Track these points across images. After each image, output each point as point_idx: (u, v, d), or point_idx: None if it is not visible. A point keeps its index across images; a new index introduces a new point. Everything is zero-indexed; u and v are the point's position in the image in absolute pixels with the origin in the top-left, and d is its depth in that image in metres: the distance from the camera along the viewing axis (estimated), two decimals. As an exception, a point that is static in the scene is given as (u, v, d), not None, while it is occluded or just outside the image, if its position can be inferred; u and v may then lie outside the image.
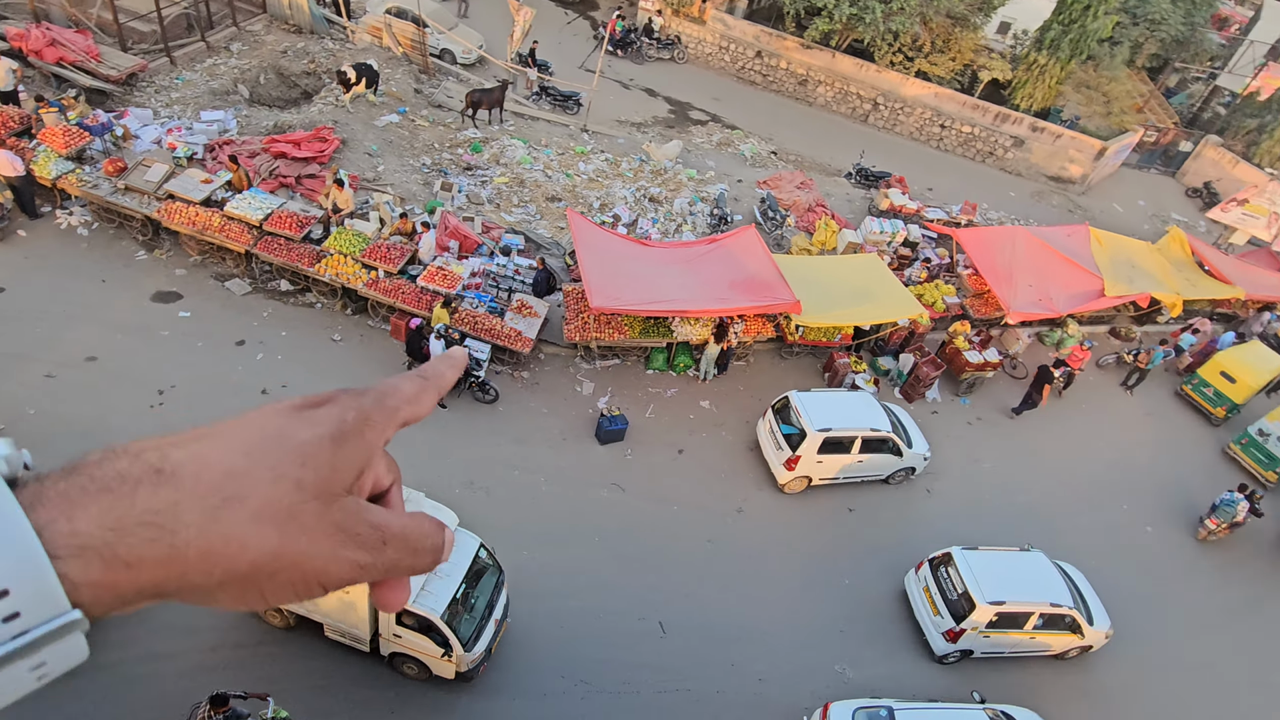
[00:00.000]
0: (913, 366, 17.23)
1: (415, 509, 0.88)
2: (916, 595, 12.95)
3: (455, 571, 9.79)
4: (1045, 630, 12.41)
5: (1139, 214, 27.84)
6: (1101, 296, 19.35)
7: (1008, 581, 12.24)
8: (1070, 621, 12.48)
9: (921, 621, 12.70)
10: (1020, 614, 12.10)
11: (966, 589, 12.03)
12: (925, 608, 12.64)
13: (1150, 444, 18.23)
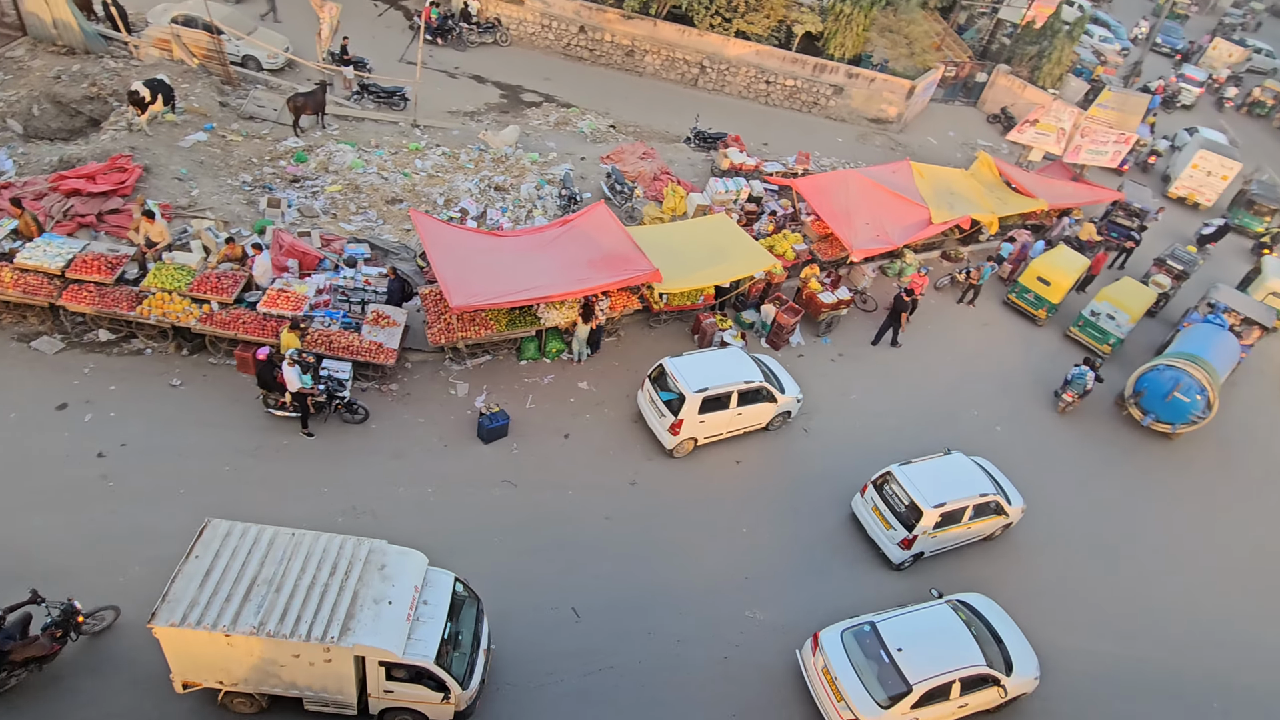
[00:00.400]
0: (774, 316, 17.97)
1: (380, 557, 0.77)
2: (867, 516, 14.13)
3: (438, 613, 9.51)
4: (978, 519, 13.95)
5: (951, 144, 30.18)
6: (930, 225, 20.93)
7: (942, 484, 13.65)
8: (995, 506, 14.11)
9: (876, 538, 13.92)
10: (958, 510, 13.51)
11: (912, 499, 13.31)
12: (878, 524, 13.85)
13: (996, 348, 20.02)
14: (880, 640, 11.14)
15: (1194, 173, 30.00)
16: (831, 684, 10.94)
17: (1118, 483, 17.20)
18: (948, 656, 11.12)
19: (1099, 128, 26.67)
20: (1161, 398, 18.03)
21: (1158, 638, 13.92)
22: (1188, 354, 18.25)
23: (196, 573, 9.00)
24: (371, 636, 8.87)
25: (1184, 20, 52.68)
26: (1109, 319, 20.11)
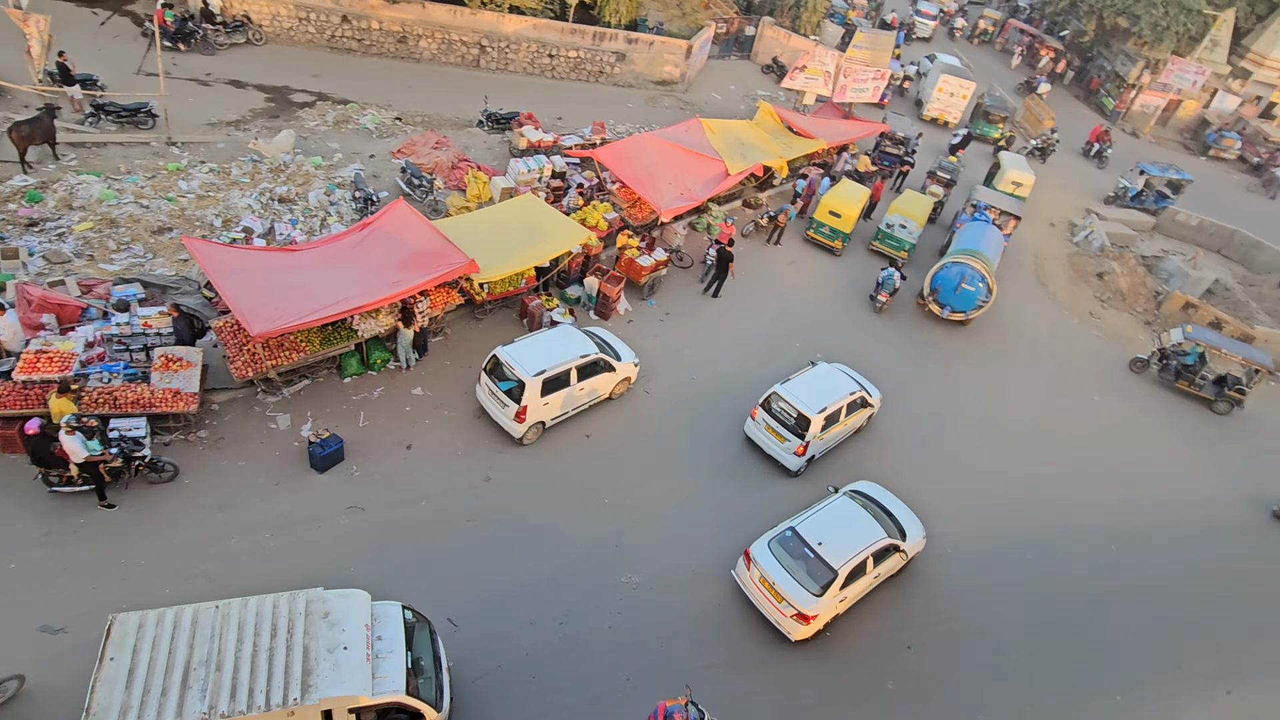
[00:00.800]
0: (598, 287, 18.11)
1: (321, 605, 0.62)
2: (761, 436, 15.49)
3: (395, 645, 9.30)
4: (851, 415, 15.88)
5: (734, 98, 31.63)
6: (728, 176, 21.87)
7: (819, 391, 15.40)
8: (862, 400, 16.13)
9: (774, 452, 15.35)
10: (836, 410, 15.31)
11: (798, 410, 14.90)
12: (773, 440, 15.31)
13: (807, 280, 21.45)
14: (802, 540, 12.47)
15: (940, 95, 33.86)
16: (770, 589, 12.11)
17: (936, 369, 19.77)
18: (858, 538, 12.67)
19: (858, 67, 29.04)
20: (953, 290, 20.74)
21: (981, 505, 15.80)
22: (966, 249, 21.00)
23: (118, 676, 8.09)
24: (336, 687, 8.48)
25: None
26: (902, 228, 22.85)
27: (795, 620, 11.89)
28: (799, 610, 11.79)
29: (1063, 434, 18.57)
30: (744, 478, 15.38)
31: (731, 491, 14.98)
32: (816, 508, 13.25)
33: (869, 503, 13.77)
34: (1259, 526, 17.29)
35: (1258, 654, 14.16)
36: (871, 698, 12.00)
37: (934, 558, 14.48)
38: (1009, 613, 13.90)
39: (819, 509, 13.19)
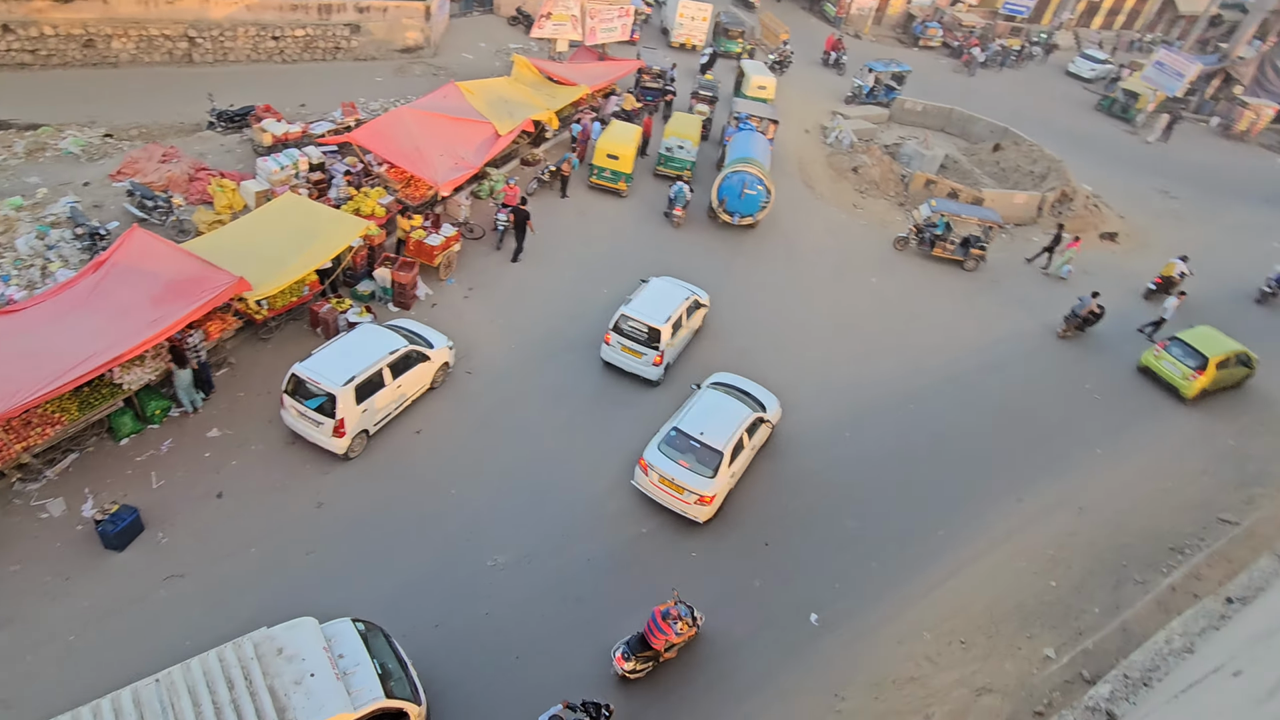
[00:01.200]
0: (390, 277, 17.17)
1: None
2: (618, 357, 16.55)
3: (359, 656, 9.41)
4: (690, 318, 17.44)
5: (486, 56, 30.66)
6: (499, 138, 21.32)
7: (660, 304, 16.72)
8: (696, 304, 17.69)
9: (634, 369, 16.51)
10: (679, 317, 16.62)
11: (648, 324, 16.10)
12: (630, 359, 16.46)
13: (600, 225, 21.63)
14: (686, 435, 13.75)
15: (683, 21, 35.17)
16: (671, 484, 13.35)
17: (739, 272, 21.35)
18: (731, 420, 14.14)
19: (602, 7, 29.11)
20: (738, 197, 22.39)
21: (799, 392, 17.15)
22: (741, 158, 22.65)
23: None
24: (316, 714, 8.45)
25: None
26: (680, 149, 24.17)
27: (699, 504, 13.32)
28: (700, 494, 13.19)
29: (852, 317, 20.48)
30: (609, 405, 16.13)
31: (600, 422, 15.58)
32: (689, 405, 14.58)
33: (730, 389, 15.44)
34: (1031, 353, 20.22)
35: (1038, 463, 16.75)
36: (762, 553, 12.88)
37: (774, 450, 15.60)
38: (843, 484, 15.35)
39: (691, 405, 14.53)
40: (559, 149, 25.12)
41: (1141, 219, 28.98)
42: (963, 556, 14.28)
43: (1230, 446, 18.26)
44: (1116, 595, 13.94)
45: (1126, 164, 33.92)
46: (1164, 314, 21.65)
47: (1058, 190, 27.63)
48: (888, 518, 14.80)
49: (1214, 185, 33.36)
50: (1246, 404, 19.99)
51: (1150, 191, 31.62)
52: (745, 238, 22.89)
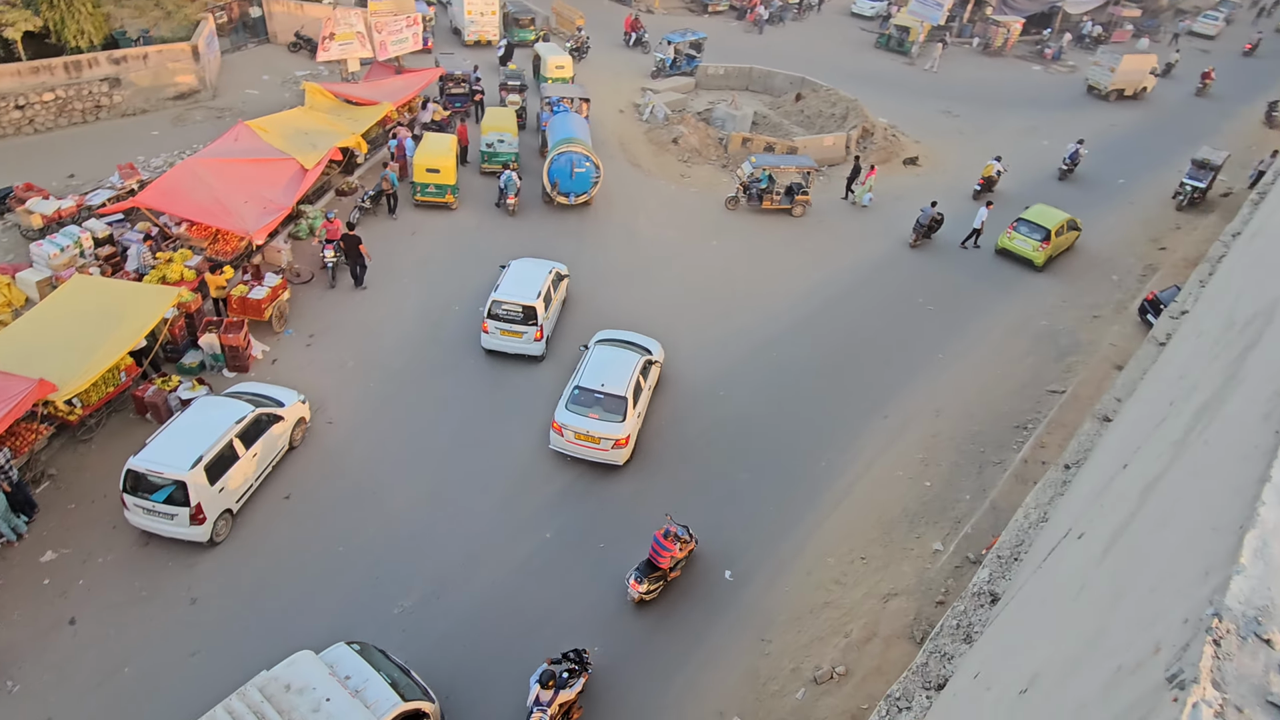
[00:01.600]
0: (219, 343, 15.90)
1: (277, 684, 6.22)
2: (500, 342, 17.07)
3: (365, 673, 9.89)
4: (556, 290, 18.22)
5: (273, 88, 28.76)
6: (306, 172, 20.13)
7: (527, 283, 17.36)
8: (559, 275, 18.63)
9: (518, 349, 17.10)
10: (547, 291, 17.47)
11: (522, 303, 16.82)
12: (512, 340, 17.04)
13: (440, 240, 20.97)
14: (589, 390, 14.75)
15: (473, 18, 34.61)
16: (585, 437, 14.34)
17: (588, 249, 21.68)
18: (625, 368, 15.20)
19: (388, 20, 28.03)
20: (569, 177, 22.72)
21: (672, 359, 17.53)
22: (563, 139, 22.75)
23: None
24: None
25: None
26: (501, 143, 24.22)
27: (616, 448, 14.43)
28: (615, 438, 14.33)
29: (703, 280, 21.12)
30: (496, 405, 16.23)
31: (490, 424, 15.63)
32: (583, 364, 15.48)
33: (616, 342, 16.52)
34: (871, 278, 21.60)
35: (893, 379, 18.04)
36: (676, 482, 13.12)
37: (662, 424, 15.89)
38: (729, 441, 15.90)
39: (585, 363, 15.45)
40: (374, 172, 24.09)
41: (934, 141, 31.63)
42: (847, 480, 15.21)
43: (1044, 326, 20.46)
44: (981, 479, 15.35)
45: (911, 93, 36.83)
46: (977, 223, 23.77)
47: (859, 128, 29.61)
48: (774, 462, 15.49)
49: (986, 99, 36.91)
50: (1050, 286, 22.43)
51: (935, 114, 34.54)
52: (586, 218, 23.10)
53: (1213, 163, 26.93)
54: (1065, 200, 25.73)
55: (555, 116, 25.12)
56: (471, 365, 17.18)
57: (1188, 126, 34.80)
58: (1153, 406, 3.28)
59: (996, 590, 3.44)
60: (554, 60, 30.14)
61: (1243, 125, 36.19)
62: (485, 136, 24.31)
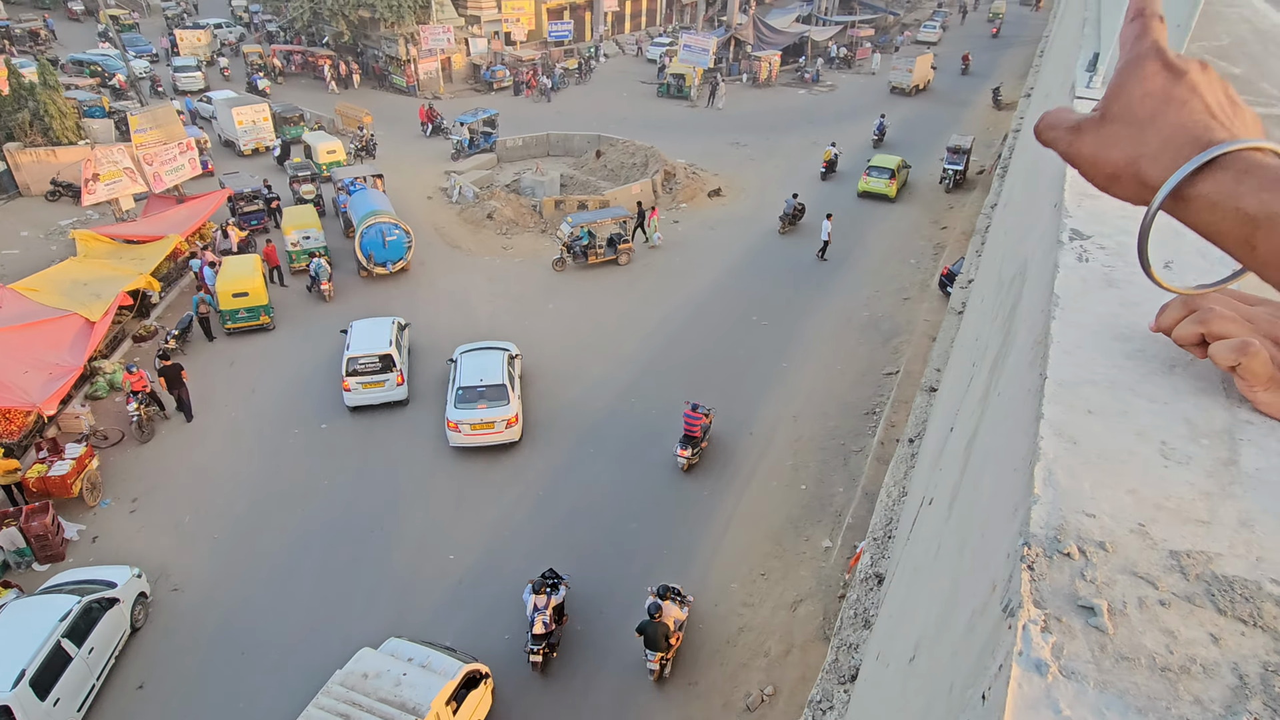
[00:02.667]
0: (21, 534, 13.87)
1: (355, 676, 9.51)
2: (364, 396, 17.75)
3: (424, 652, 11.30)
4: (403, 336, 19.50)
5: (38, 244, 25.99)
6: (95, 324, 18.28)
7: (376, 336, 18.29)
8: (401, 324, 19.83)
9: (384, 398, 17.90)
10: (398, 339, 18.73)
11: (378, 353, 17.69)
12: (376, 391, 17.76)
13: (255, 357, 19.60)
14: (471, 387, 16.60)
15: (245, 127, 33.92)
16: (480, 424, 16.18)
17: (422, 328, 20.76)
18: (494, 363, 17.38)
19: (158, 150, 26.35)
20: (382, 247, 23.44)
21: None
22: (368, 213, 23.62)
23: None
24: (429, 694, 10.27)
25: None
26: (306, 239, 23.96)
27: (509, 426, 16.41)
28: (507, 418, 16.31)
29: (549, 344, 21.09)
30: (361, 508, 15.47)
31: (360, 538, 14.61)
32: (456, 371, 17.21)
33: (476, 349, 18.19)
34: (709, 304, 22.50)
35: (750, 394, 18.82)
36: (577, 602, 12.73)
37: (546, 501, 15.54)
38: (612, 484, 15.84)
39: (459, 370, 17.15)
40: (175, 310, 22.30)
41: (731, 171, 33.96)
42: (729, 503, 15.59)
43: (865, 316, 22.29)
44: (848, 470, 16.27)
45: (699, 131, 39.44)
46: (825, 235, 25.44)
47: (660, 171, 31.22)
48: (659, 505, 15.60)
49: (765, 126, 40.23)
50: (862, 279, 24.50)
51: (726, 147, 37.16)
52: (416, 296, 23.03)
53: (963, 147, 30.90)
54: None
55: (354, 195, 25.81)
56: (326, 487, 16.09)
57: (938, 119, 39.72)
58: (962, 370, 3.65)
59: (880, 571, 3.64)
60: (324, 146, 30.81)
61: (978, 113, 41.84)
62: (288, 236, 23.93)
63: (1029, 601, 0.75)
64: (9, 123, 29.43)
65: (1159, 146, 0.91)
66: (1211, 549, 0.80)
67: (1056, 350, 1.12)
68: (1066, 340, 1.14)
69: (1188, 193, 0.89)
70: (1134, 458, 0.92)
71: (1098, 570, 0.77)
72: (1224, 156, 0.87)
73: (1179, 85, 0.93)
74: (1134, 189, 0.93)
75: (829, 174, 32.30)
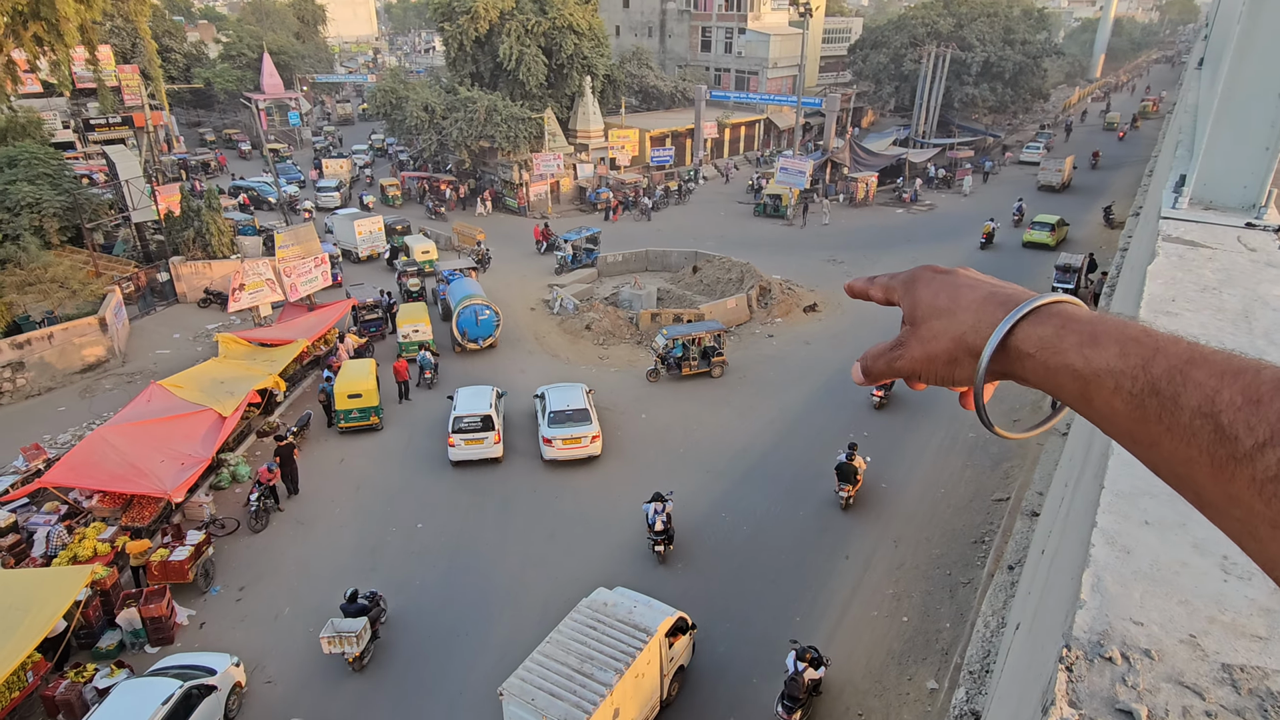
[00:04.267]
0: (139, 616, 14.69)
1: (602, 596, 13.19)
2: (467, 451, 20.20)
3: (645, 598, 13.91)
4: (499, 401, 21.67)
5: (184, 346, 28.87)
6: (225, 420, 19.86)
7: (477, 401, 21.00)
8: (499, 392, 22.75)
9: (484, 454, 20.35)
10: (495, 403, 21.21)
11: (480, 414, 20.35)
12: (477, 448, 20.20)
13: (364, 455, 20.52)
14: (561, 410, 20.46)
15: (363, 238, 38.31)
16: (571, 440, 20.01)
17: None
18: (576, 394, 21.42)
19: (296, 263, 29.22)
20: (475, 325, 27.11)
21: (625, 559, 17.04)
22: (464, 296, 27.54)
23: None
24: (657, 620, 12.68)
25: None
26: (415, 332, 26.80)
27: (593, 441, 20.16)
28: (592, 434, 20.11)
29: (641, 452, 21.21)
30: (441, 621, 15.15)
31: (442, 647, 13.69)
32: (546, 402, 20.79)
33: (557, 385, 22.39)
34: (803, 419, 22.15)
35: (846, 516, 18.05)
36: None
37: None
38: (695, 614, 15.29)
39: (548, 399, 20.88)
40: (296, 409, 23.96)
41: (827, 287, 34.15)
42: (825, 631, 14.70)
43: (971, 438, 21.26)
44: (955, 603, 15.13)
45: (796, 249, 40.16)
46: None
47: (756, 287, 31.78)
48: (748, 627, 14.91)
49: (863, 244, 40.55)
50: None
51: (822, 264, 37.56)
52: (512, 409, 23.22)
53: (1073, 266, 29.97)
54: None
55: (452, 283, 30.05)
56: (416, 587, 16.34)
57: (1075, 204, 38.99)
58: (1058, 492, 3.48)
59: (977, 708, 3.37)
60: (419, 247, 35.14)
61: (1090, 231, 40.81)
62: (401, 329, 27.02)
63: (1063, 700, 0.76)
64: (176, 239, 33.51)
65: (974, 319, 0.96)
66: (1269, 665, 0.78)
67: (1116, 462, 1.13)
68: (1126, 452, 1.14)
69: (1020, 349, 0.91)
70: (1189, 570, 0.91)
71: (1141, 677, 0.77)
72: (1040, 311, 0.90)
73: (959, 276, 1.03)
74: (971, 365, 0.96)
75: (987, 245, 37.89)
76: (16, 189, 30.06)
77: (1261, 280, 2.75)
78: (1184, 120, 5.57)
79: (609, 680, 11.23)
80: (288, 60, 72.37)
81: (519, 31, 47.95)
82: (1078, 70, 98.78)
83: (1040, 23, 67.59)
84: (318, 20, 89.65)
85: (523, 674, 11.41)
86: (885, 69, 64.18)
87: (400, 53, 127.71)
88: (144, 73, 49.29)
